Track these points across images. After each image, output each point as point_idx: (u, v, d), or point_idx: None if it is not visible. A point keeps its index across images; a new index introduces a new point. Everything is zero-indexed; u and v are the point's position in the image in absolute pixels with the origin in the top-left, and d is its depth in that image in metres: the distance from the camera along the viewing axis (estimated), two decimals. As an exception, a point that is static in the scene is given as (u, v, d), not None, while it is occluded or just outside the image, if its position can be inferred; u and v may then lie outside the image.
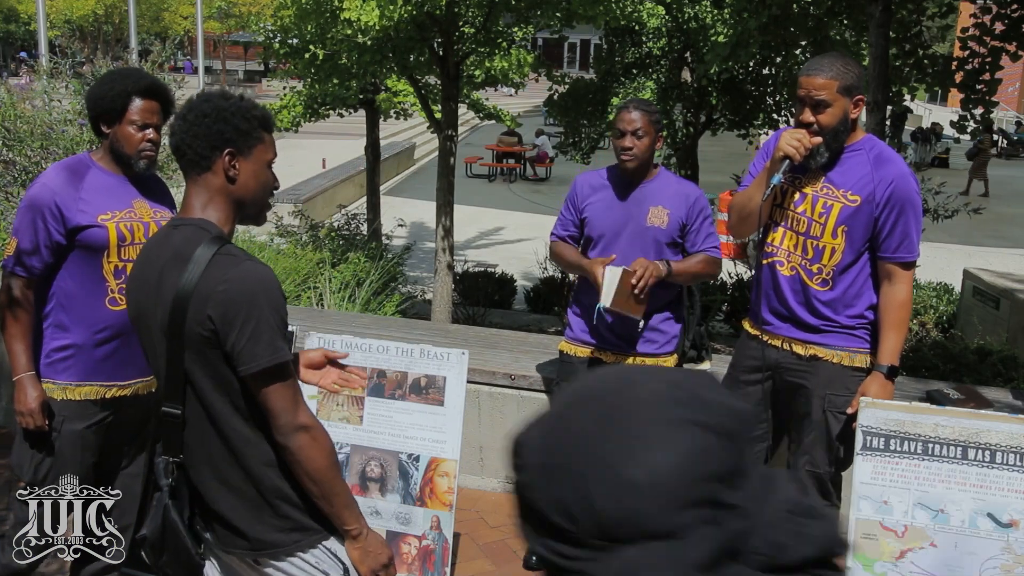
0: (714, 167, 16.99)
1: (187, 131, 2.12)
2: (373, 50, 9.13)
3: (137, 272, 2.20)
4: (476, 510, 4.44)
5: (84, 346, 3.01)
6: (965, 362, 6.61)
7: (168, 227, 2.20)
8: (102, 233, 2.95)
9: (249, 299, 2.02)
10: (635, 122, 3.66)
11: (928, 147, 29.73)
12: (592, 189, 3.86)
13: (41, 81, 6.76)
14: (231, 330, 2.01)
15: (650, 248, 3.71)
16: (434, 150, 14.81)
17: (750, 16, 8.27)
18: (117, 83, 3.00)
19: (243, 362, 2.02)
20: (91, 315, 2.99)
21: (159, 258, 2.12)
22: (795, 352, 3.38)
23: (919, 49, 8.60)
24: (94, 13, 38.35)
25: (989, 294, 9.06)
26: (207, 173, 2.15)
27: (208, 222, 2.15)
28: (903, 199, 3.17)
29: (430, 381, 3.75)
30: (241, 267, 2.05)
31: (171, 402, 2.11)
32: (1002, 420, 3.07)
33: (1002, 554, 3.03)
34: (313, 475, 2.09)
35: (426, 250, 14.81)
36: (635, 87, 12.84)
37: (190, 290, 2.02)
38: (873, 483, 3.12)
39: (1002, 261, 13.78)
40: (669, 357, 3.87)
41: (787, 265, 3.35)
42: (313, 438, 2.09)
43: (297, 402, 2.09)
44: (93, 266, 2.98)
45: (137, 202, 3.07)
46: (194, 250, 2.06)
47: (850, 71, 3.17)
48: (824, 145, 3.20)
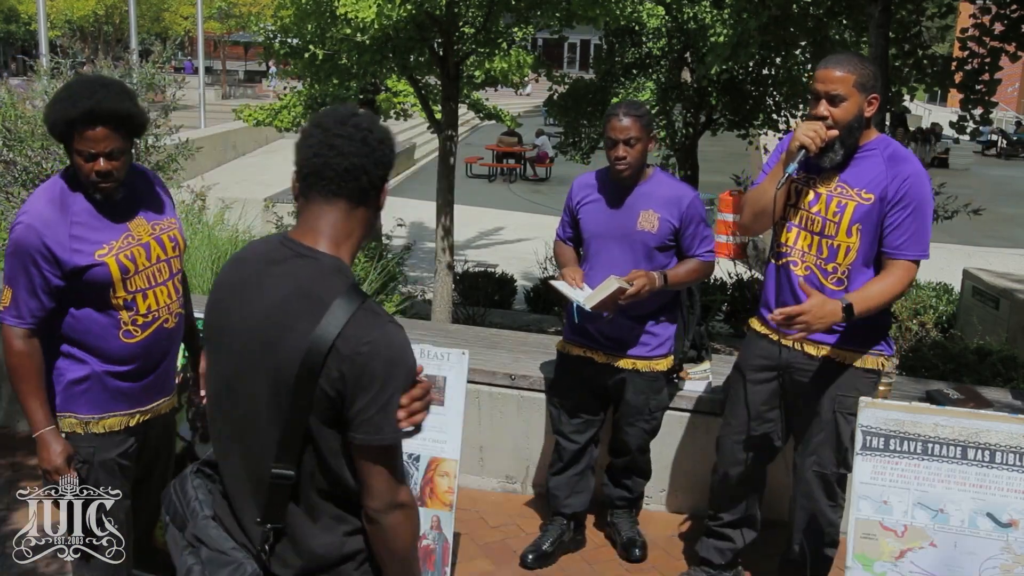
0: (714, 167, 17.00)
1: (369, 155, 1.91)
2: (373, 50, 9.13)
3: (237, 287, 1.96)
4: (476, 510, 4.44)
5: (102, 376, 2.82)
6: (965, 362, 6.61)
7: (288, 250, 1.94)
8: (103, 271, 2.72)
9: (389, 367, 1.85)
10: (628, 130, 3.64)
11: (928, 147, 29.75)
12: (586, 191, 3.88)
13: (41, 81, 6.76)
14: (362, 395, 1.82)
15: (640, 252, 3.72)
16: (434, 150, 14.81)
17: (750, 16, 8.27)
18: (58, 108, 2.66)
19: (366, 431, 1.85)
20: (106, 348, 2.80)
21: (274, 288, 1.90)
22: (807, 352, 3.39)
23: (918, 49, 8.61)
24: (95, 13, 38.34)
25: (989, 294, 9.06)
26: (365, 206, 1.96)
27: (343, 263, 1.94)
28: (917, 198, 3.17)
29: (430, 381, 3.74)
30: (385, 329, 1.87)
31: (284, 463, 1.87)
32: (1002, 420, 3.07)
33: (1001, 554, 3.03)
34: (398, 554, 1.96)
35: (426, 250, 14.81)
36: (635, 87, 12.84)
37: (328, 343, 1.80)
38: (873, 483, 3.12)
39: (1002, 261, 13.79)
40: (662, 360, 3.88)
41: (801, 265, 3.35)
42: (408, 517, 1.95)
43: (401, 476, 1.95)
44: (100, 303, 2.77)
45: (133, 223, 2.83)
46: (331, 296, 1.85)
47: (867, 69, 3.20)
48: (839, 141, 3.20)
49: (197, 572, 1.94)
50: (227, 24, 39.52)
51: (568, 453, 4.00)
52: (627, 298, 3.57)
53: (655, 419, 3.95)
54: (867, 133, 3.27)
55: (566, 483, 4.03)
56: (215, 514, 2.01)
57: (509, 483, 4.69)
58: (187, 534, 2.01)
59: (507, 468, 4.68)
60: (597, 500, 4.20)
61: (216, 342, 2.00)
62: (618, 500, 4.14)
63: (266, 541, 1.92)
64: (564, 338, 4.02)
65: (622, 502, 4.14)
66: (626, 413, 3.90)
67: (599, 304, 3.57)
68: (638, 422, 3.90)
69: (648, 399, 3.87)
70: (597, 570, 4.01)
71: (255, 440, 1.91)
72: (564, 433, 4.01)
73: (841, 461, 3.37)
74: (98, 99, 2.62)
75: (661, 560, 4.05)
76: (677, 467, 4.44)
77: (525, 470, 4.65)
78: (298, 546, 1.94)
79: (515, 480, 4.68)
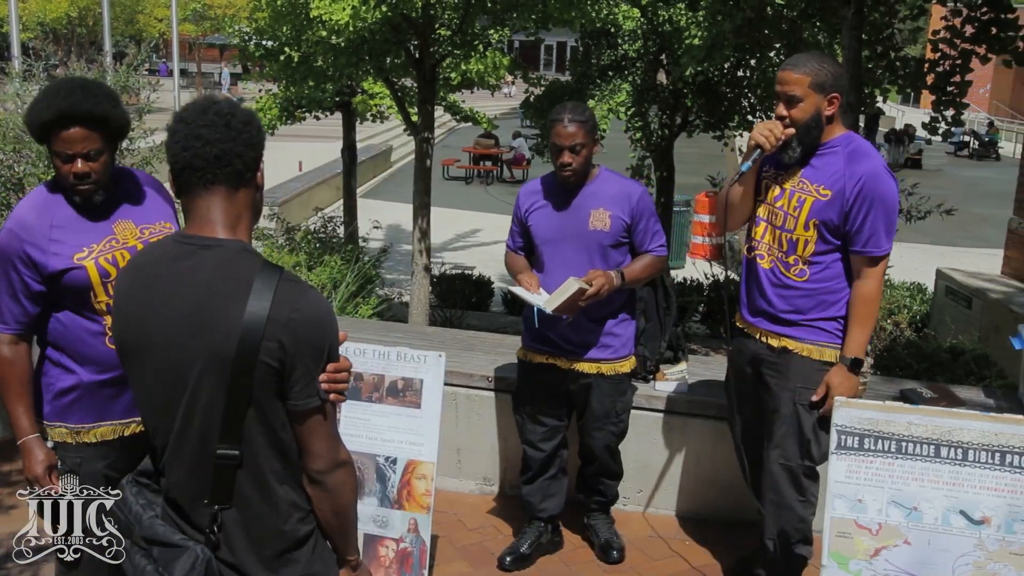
0: (690, 168, 17.06)
1: (235, 138, 1.94)
2: (349, 52, 9.11)
3: (146, 295, 1.96)
4: (454, 512, 4.44)
5: (91, 385, 2.80)
6: (938, 361, 6.66)
7: (189, 246, 1.96)
8: (81, 275, 2.70)
9: (320, 329, 1.93)
10: (573, 136, 3.64)
11: (901, 148, 30.01)
12: (533, 198, 3.87)
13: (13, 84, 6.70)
14: (298, 360, 1.89)
15: (595, 252, 3.72)
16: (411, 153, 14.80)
17: (724, 19, 8.31)
18: (35, 110, 2.65)
19: (307, 394, 1.91)
20: (93, 354, 2.78)
21: (191, 284, 1.91)
22: (769, 344, 3.48)
23: (891, 51, 8.67)
24: (68, 15, 37.96)
25: (961, 294, 9.15)
26: (245, 187, 1.99)
27: (247, 244, 1.99)
28: (872, 195, 3.24)
29: (407, 384, 3.74)
30: (310, 296, 1.93)
31: (227, 443, 1.90)
32: (974, 418, 3.10)
33: (975, 551, 3.06)
34: (341, 510, 2.02)
35: (403, 252, 14.79)
36: (611, 89, 12.85)
37: (263, 317, 1.85)
38: (848, 482, 3.14)
39: (974, 261, 13.91)
40: (626, 361, 3.88)
41: (767, 259, 3.46)
42: (349, 474, 2.01)
43: (338, 436, 2.00)
44: (82, 307, 2.75)
45: (118, 225, 2.79)
46: (250, 276, 1.89)
47: (824, 69, 3.27)
48: (796, 139, 3.31)
49: (151, 572, 1.95)
50: (202, 26, 39.27)
51: (537, 462, 4.00)
52: (587, 298, 3.57)
53: (622, 421, 3.94)
54: (831, 129, 3.35)
55: (538, 489, 4.03)
56: (158, 513, 2.03)
57: (487, 485, 4.69)
58: (135, 538, 2.03)
59: (484, 470, 4.68)
60: (572, 502, 4.20)
61: (136, 351, 1.99)
62: (592, 504, 4.15)
63: (214, 522, 1.94)
64: (524, 345, 3.99)
65: (596, 505, 4.15)
66: (591, 419, 3.88)
67: (560, 306, 3.56)
68: (606, 426, 3.89)
69: (614, 402, 3.87)
70: (575, 571, 4.01)
71: (201, 428, 1.92)
72: (531, 442, 3.99)
73: (805, 453, 3.41)
74: (73, 101, 2.61)
75: (639, 561, 4.06)
76: (653, 468, 4.45)
77: (502, 472, 4.65)
78: (255, 532, 1.97)
79: (492, 482, 4.68)
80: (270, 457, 1.94)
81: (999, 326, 8.19)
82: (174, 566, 1.92)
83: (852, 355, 3.33)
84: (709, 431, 4.32)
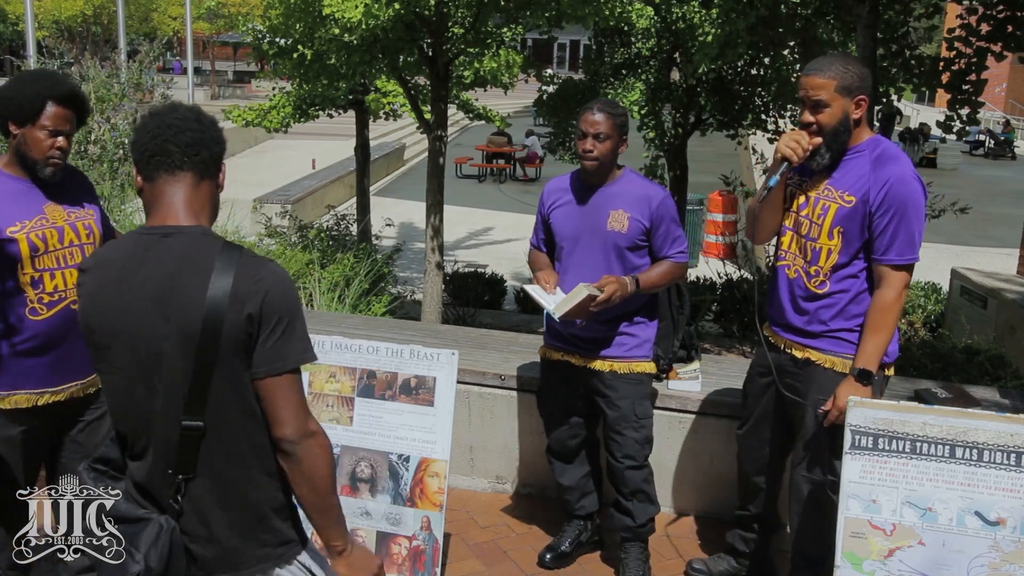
0: (703, 167, 17.05)
1: (205, 132, 2.08)
2: (362, 50, 9.12)
3: (113, 286, 2.03)
4: (466, 510, 4.44)
5: (8, 356, 2.93)
6: (953, 361, 6.63)
7: (152, 235, 2.04)
8: (12, 247, 2.86)
9: (283, 299, 2.00)
10: (598, 124, 3.63)
11: (916, 147, 29.85)
12: (557, 194, 3.85)
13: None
14: (267, 327, 1.96)
15: (611, 253, 3.67)
16: (424, 151, 14.81)
17: (738, 17, 8.29)
18: (32, 85, 2.90)
19: (271, 362, 1.98)
20: (12, 326, 2.91)
21: (156, 269, 1.99)
22: (793, 355, 3.39)
23: (906, 50, 8.65)
24: (83, 13, 38.12)
25: (977, 293, 9.11)
26: (209, 179, 2.11)
27: (208, 228, 2.09)
28: (898, 201, 3.12)
29: (420, 382, 3.75)
30: (270, 266, 2.02)
31: (192, 416, 1.98)
32: (989, 419, 3.08)
33: (989, 552, 3.04)
34: (315, 483, 2.05)
35: (416, 250, 14.81)
36: (624, 87, 12.85)
37: (227, 293, 1.93)
38: (862, 482, 3.12)
39: (989, 261, 13.85)
40: (642, 361, 3.78)
41: (792, 268, 3.37)
42: (320, 445, 2.05)
43: (307, 406, 2.05)
44: (8, 278, 2.89)
45: (48, 206, 2.98)
46: (212, 256, 1.98)
47: (850, 71, 3.16)
48: (824, 146, 3.19)
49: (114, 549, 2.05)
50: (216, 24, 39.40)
51: (564, 457, 3.99)
52: (598, 305, 3.51)
53: (644, 427, 3.77)
54: (858, 133, 3.24)
55: (575, 486, 4.00)
56: (119, 493, 2.09)
57: (499, 483, 4.69)
58: None
59: (497, 468, 4.68)
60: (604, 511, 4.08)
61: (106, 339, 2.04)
62: (623, 531, 3.85)
63: (178, 492, 2.02)
64: (544, 343, 3.98)
65: (627, 533, 3.84)
66: (609, 422, 3.77)
67: (568, 312, 3.53)
68: (625, 429, 3.73)
69: (633, 405, 3.74)
70: (587, 570, 4.00)
71: (171, 404, 2.00)
72: (558, 439, 3.98)
73: (828, 467, 3.34)
74: (71, 85, 2.97)
75: (653, 561, 4.05)
76: (667, 467, 4.44)
77: (515, 470, 4.65)
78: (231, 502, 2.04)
79: (505, 480, 4.68)
80: (248, 429, 2.02)
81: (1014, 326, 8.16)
82: (139, 539, 2.00)
83: (860, 366, 3.19)
84: (723, 430, 4.30)
